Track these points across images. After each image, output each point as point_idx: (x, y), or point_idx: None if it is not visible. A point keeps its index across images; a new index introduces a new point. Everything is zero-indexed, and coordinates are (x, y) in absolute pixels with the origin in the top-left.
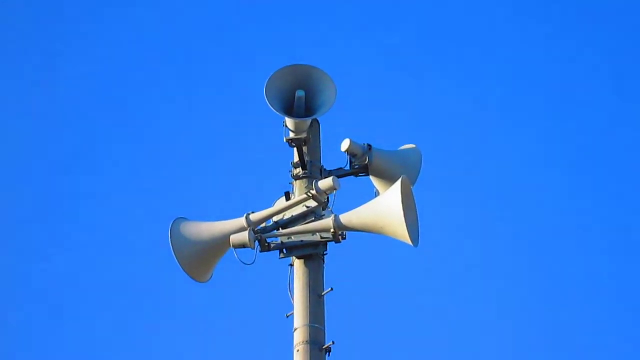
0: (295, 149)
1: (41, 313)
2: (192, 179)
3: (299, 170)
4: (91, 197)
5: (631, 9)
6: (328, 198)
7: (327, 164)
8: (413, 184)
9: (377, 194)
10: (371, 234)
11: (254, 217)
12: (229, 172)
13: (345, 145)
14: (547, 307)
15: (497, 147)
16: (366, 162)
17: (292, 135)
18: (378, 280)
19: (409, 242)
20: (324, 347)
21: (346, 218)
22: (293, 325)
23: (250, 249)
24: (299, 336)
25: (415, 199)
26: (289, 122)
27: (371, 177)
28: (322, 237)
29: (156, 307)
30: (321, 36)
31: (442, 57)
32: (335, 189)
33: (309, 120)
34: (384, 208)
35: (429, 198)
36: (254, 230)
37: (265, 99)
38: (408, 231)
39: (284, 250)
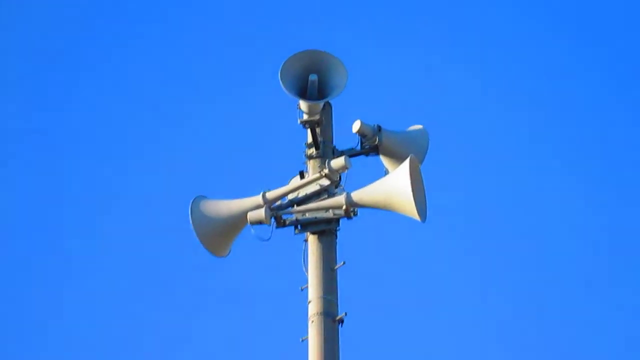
0: (309, 130)
1: (59, 292)
2: (211, 158)
3: (312, 150)
4: (117, 178)
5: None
6: (340, 176)
7: (339, 144)
8: (420, 162)
9: (386, 173)
10: (381, 210)
11: (270, 194)
12: (246, 152)
13: (356, 126)
14: (551, 281)
15: (502, 127)
16: (376, 142)
17: (305, 117)
18: (388, 254)
19: (417, 217)
20: (337, 318)
21: (357, 195)
22: (307, 298)
23: (266, 225)
24: (313, 308)
25: (422, 176)
26: (303, 105)
27: (381, 157)
28: (334, 214)
29: (177, 281)
30: (334, 22)
31: (448, 39)
32: (347, 168)
33: (321, 103)
34: (393, 186)
35: (435, 176)
36: (270, 208)
37: (280, 82)
38: (416, 207)
39: (299, 226)
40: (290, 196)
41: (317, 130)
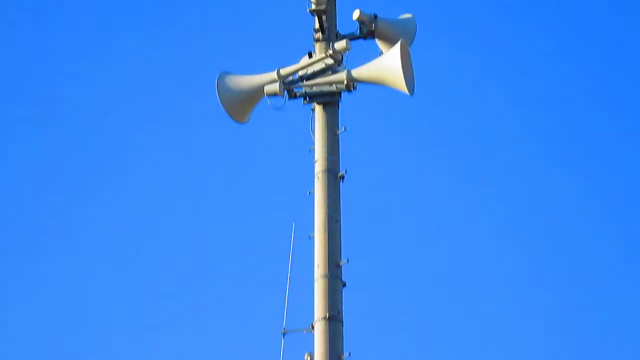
0: (316, 18)
1: (91, 175)
2: (235, 41)
3: (319, 35)
4: (152, 60)
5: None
6: (342, 56)
7: (342, 29)
8: (409, 45)
9: (381, 54)
10: (376, 85)
11: (284, 71)
12: (264, 36)
13: (355, 14)
14: (540, 160)
15: (486, 17)
16: (372, 28)
17: (313, 6)
18: (382, 122)
19: (406, 91)
20: (338, 175)
21: (356, 72)
22: (314, 157)
23: (280, 96)
24: (319, 166)
25: (411, 57)
26: None
27: (376, 40)
28: (337, 87)
29: (205, 146)
30: None
31: None
32: (348, 49)
33: None
34: (386, 64)
35: (422, 57)
36: (283, 82)
37: None
38: (405, 82)
39: (307, 98)
40: (300, 72)
41: (323, 17)
